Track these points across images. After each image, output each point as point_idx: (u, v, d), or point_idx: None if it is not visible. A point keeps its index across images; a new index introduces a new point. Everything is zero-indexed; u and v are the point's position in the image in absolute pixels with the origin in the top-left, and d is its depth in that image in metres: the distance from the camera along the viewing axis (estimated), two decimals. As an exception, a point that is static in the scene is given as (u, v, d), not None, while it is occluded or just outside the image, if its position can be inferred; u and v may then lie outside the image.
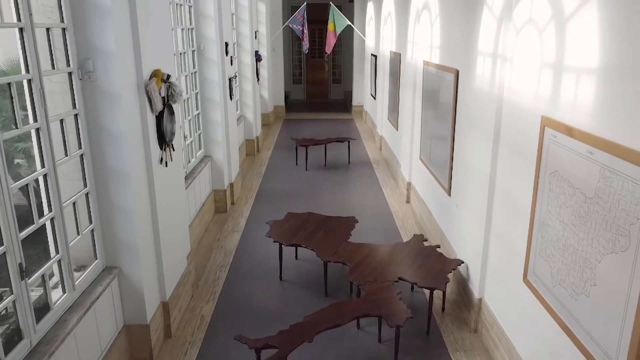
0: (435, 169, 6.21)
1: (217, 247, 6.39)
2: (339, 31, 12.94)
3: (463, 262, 4.76)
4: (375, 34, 12.62)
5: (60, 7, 3.29)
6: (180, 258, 4.85)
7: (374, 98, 12.84)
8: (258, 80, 12.36)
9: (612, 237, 2.47)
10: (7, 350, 2.71)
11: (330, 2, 13.11)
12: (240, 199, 8.26)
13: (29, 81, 2.94)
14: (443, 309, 4.86)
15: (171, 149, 4.44)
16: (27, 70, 2.93)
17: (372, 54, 13.40)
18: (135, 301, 3.99)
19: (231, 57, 7.93)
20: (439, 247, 5.16)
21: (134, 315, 4.02)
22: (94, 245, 3.76)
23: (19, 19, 2.88)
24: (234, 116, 8.15)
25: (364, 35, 14.80)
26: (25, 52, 2.91)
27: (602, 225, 2.55)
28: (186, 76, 6.43)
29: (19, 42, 2.88)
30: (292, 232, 5.40)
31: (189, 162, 6.54)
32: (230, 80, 7.71)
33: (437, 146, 6.09)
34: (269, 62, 14.48)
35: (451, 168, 5.49)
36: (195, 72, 6.87)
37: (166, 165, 4.36)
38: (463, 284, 4.81)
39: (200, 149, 7.16)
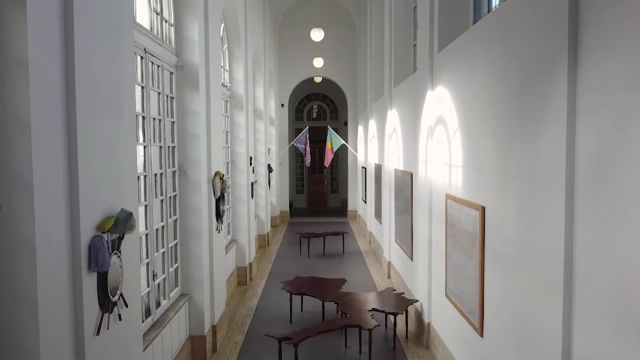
0: (404, 245, 8.50)
1: (242, 305, 8.46)
2: (335, 148, 15.83)
3: (418, 301, 6.89)
4: (364, 151, 15.55)
5: (172, 134, 5.86)
6: (222, 300, 6.97)
7: (365, 202, 15.41)
8: (270, 187, 15.01)
9: (469, 249, 4.76)
10: (144, 319, 4.86)
11: (328, 126, 16.24)
12: (256, 276, 10.42)
13: (161, 174, 5.41)
14: (407, 336, 6.87)
15: (222, 222, 6.80)
16: (160, 168, 5.42)
17: (362, 167, 16.24)
18: (198, 319, 6.08)
19: (253, 167, 10.58)
20: (403, 294, 7.28)
21: (196, 329, 6.09)
22: (176, 278, 5.96)
23: (159, 141, 5.42)
24: (254, 211, 10.59)
25: (356, 152, 17.81)
26: (160, 158, 5.41)
27: (467, 243, 4.85)
28: (223, 179, 8.97)
29: (159, 154, 5.39)
30: (299, 286, 7.56)
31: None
32: (252, 184, 10.27)
33: (404, 227, 8.44)
34: (277, 174, 17.30)
35: (412, 240, 7.80)
36: (229, 177, 9.44)
37: (219, 232, 6.70)
38: (419, 317, 6.89)
39: (229, 233, 9.49)
